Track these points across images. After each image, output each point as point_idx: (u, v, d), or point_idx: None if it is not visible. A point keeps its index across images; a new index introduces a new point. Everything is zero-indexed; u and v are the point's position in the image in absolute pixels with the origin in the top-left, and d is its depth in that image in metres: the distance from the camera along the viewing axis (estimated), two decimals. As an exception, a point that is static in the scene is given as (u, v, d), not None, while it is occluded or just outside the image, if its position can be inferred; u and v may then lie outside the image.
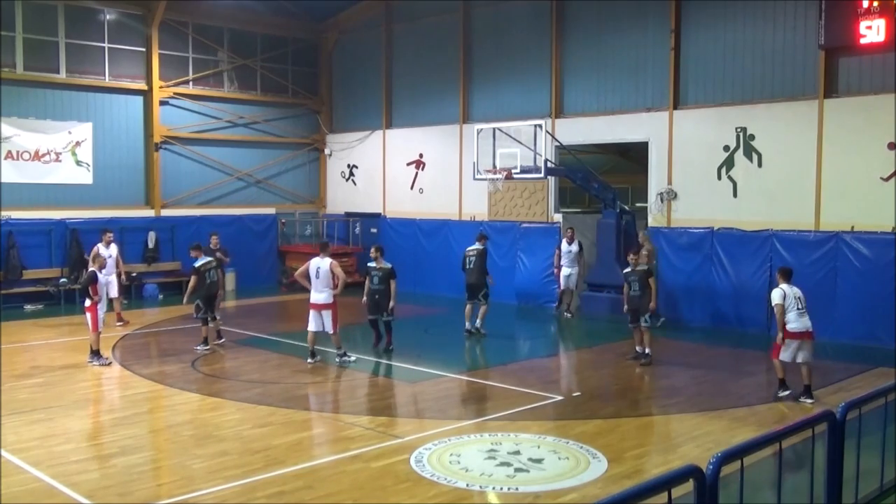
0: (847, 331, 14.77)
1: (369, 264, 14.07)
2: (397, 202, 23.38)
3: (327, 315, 12.83)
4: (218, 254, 15.28)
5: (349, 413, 10.37)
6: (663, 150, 17.74)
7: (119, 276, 16.58)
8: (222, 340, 14.38)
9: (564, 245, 17.72)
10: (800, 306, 10.60)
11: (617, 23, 18.59)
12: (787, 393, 10.77)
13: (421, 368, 12.78)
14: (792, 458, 5.51)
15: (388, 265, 13.88)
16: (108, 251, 16.03)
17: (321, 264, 12.85)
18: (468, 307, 15.80)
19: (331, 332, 12.89)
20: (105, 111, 21.14)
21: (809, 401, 10.52)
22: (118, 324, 16.22)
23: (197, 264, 13.91)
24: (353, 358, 13.04)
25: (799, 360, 10.65)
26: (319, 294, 12.84)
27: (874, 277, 14.50)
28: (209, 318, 14.03)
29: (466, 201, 21.53)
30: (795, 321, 10.57)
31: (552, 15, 19.60)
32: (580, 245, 17.68)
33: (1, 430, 9.16)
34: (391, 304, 13.77)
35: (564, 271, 17.65)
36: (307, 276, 12.94)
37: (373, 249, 14.20)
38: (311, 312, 12.97)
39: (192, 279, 13.90)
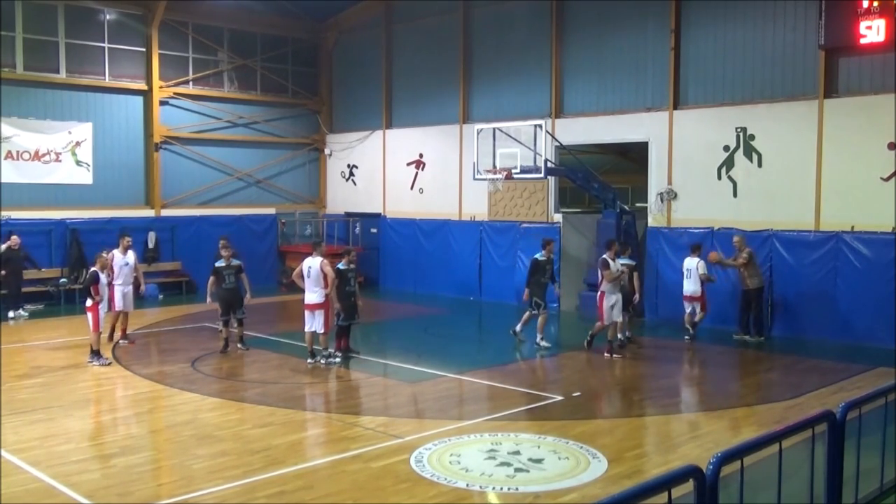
0: (847, 331, 14.78)
1: (219, 263, 13.92)
2: (397, 202, 23.38)
3: (319, 315, 12.82)
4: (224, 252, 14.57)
5: (349, 413, 10.37)
6: (663, 150, 17.73)
7: (137, 287, 14.94)
8: (227, 349, 13.95)
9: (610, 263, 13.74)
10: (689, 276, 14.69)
11: (617, 23, 18.59)
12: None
13: (421, 368, 12.78)
14: (792, 458, 5.50)
15: (238, 261, 14.07)
16: (126, 258, 14.44)
17: (312, 264, 12.82)
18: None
19: (321, 331, 12.90)
20: (105, 111, 21.14)
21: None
22: (123, 341, 14.49)
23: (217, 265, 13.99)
24: (338, 359, 13.04)
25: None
26: (312, 294, 12.83)
27: (874, 277, 14.51)
28: (226, 321, 13.92)
29: (466, 201, 21.54)
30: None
31: (552, 15, 19.60)
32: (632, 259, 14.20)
33: (1, 430, 9.16)
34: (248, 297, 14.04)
35: (609, 299, 13.60)
36: (301, 276, 12.96)
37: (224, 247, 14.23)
38: (306, 313, 12.99)
39: (210, 278, 14.01)
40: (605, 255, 13.85)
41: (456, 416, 10.27)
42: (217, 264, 13.98)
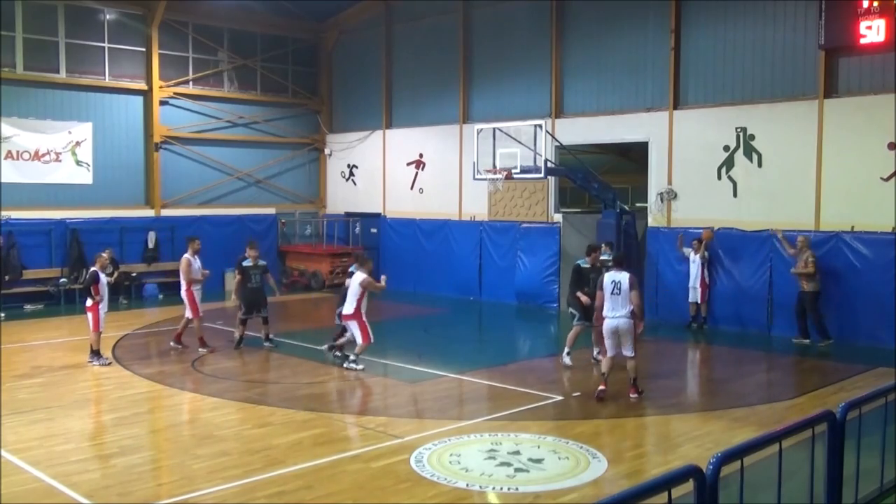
0: (847, 331, 14.76)
1: (246, 263, 14.09)
2: (397, 202, 23.38)
3: (353, 325, 12.56)
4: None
5: (349, 413, 10.37)
6: (663, 150, 17.73)
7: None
8: (240, 346, 14.21)
9: (609, 276, 10.89)
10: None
11: (617, 23, 18.59)
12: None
13: (421, 368, 12.78)
14: (792, 458, 5.50)
15: (265, 262, 14.39)
16: (197, 262, 14.00)
17: (356, 279, 12.58)
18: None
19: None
20: (105, 111, 21.14)
21: None
22: (203, 349, 13.85)
23: (245, 263, 14.13)
24: (359, 367, 12.59)
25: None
26: (347, 306, 12.55)
27: (874, 277, 14.50)
28: (245, 321, 14.13)
29: (466, 201, 21.53)
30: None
31: (552, 15, 19.60)
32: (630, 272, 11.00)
33: (1, 430, 9.17)
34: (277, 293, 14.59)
35: (609, 323, 10.75)
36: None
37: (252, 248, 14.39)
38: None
39: (237, 277, 14.16)
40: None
41: (456, 416, 10.27)
42: (244, 263, 14.15)
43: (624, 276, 10.71)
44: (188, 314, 13.96)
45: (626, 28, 18.41)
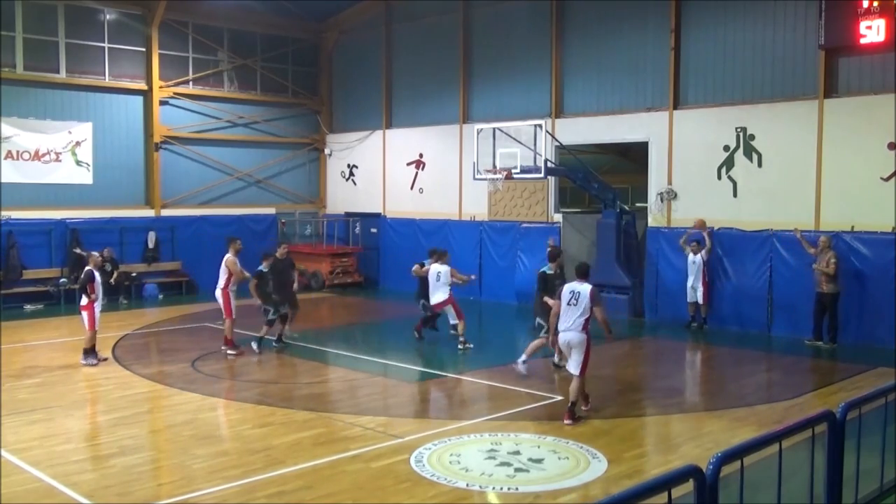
0: (847, 331, 14.75)
1: (260, 268, 14.20)
2: (397, 202, 23.38)
3: (450, 308, 14.18)
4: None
5: (349, 413, 10.36)
6: (663, 150, 17.73)
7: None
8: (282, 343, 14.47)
9: (569, 286, 10.15)
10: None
11: (617, 23, 18.59)
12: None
13: (421, 368, 12.78)
14: (792, 458, 5.50)
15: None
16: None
17: (441, 269, 14.25)
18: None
19: (457, 321, 14.16)
20: (105, 111, 21.14)
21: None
22: (232, 352, 13.74)
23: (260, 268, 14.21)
24: (470, 344, 14.08)
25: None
26: (442, 294, 14.14)
27: (874, 277, 14.50)
28: (274, 321, 14.18)
29: (466, 201, 21.53)
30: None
31: (552, 15, 19.60)
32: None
33: (1, 430, 9.17)
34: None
35: (562, 336, 10.03)
36: (425, 278, 14.42)
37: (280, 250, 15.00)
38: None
39: (252, 281, 14.11)
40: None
41: (456, 416, 10.27)
42: (259, 268, 14.15)
43: (585, 288, 9.94)
44: (224, 314, 13.98)
45: (626, 28, 18.41)
